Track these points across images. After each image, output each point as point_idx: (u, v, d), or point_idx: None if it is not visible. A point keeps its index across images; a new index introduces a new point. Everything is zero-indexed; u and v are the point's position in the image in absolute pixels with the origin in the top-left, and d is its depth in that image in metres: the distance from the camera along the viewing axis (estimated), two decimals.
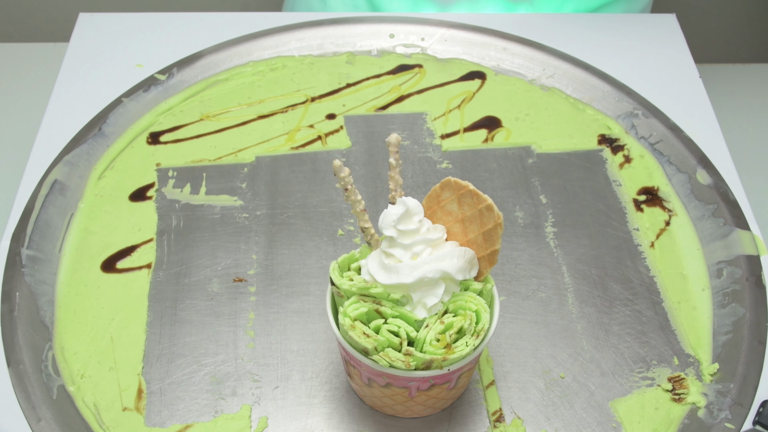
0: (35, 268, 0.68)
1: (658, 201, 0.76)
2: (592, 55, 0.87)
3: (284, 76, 0.86)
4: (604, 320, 0.67)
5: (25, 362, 0.62)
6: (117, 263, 0.70)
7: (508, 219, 0.74)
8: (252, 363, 0.64)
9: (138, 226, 0.73)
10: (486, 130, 0.81)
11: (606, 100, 0.83)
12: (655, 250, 0.72)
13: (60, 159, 0.75)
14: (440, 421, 0.61)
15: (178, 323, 0.66)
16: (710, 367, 0.64)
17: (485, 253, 0.53)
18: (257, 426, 0.60)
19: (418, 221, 0.53)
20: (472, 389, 0.63)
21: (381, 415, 0.61)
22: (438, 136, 0.81)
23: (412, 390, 0.56)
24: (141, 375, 0.63)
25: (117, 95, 0.82)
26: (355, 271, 0.55)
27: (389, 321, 0.52)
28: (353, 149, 0.79)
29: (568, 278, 0.70)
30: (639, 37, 0.90)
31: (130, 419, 0.61)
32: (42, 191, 0.72)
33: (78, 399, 0.61)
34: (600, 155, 0.80)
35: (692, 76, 0.86)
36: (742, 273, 0.68)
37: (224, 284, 0.69)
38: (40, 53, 1.23)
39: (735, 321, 0.66)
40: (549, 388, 0.63)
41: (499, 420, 0.61)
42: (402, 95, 0.84)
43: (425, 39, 0.88)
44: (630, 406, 0.62)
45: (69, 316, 0.66)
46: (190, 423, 0.60)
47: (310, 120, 0.82)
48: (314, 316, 0.67)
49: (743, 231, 0.71)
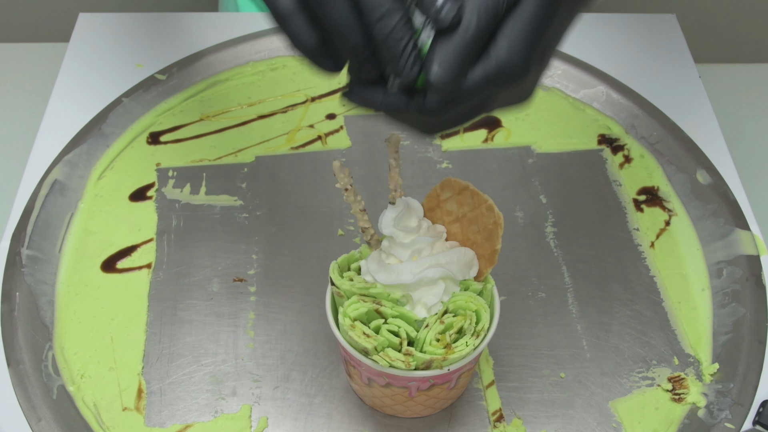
0: (35, 268, 0.68)
1: (658, 201, 0.76)
2: (592, 55, 0.87)
3: (284, 76, 0.86)
4: (604, 320, 0.67)
5: (25, 362, 0.62)
6: (117, 263, 0.70)
7: (508, 219, 0.74)
8: (252, 363, 0.64)
9: (138, 226, 0.73)
10: (486, 129, 0.81)
11: (606, 100, 0.83)
12: (655, 250, 0.72)
13: (60, 159, 0.75)
14: (440, 421, 0.61)
15: (178, 323, 0.66)
16: (710, 367, 0.64)
17: (485, 253, 0.53)
18: (257, 426, 0.60)
19: (418, 221, 0.53)
20: (472, 389, 0.63)
21: (381, 415, 0.61)
22: (438, 135, 0.80)
23: (412, 390, 0.56)
24: (141, 375, 0.63)
25: (117, 95, 0.81)
26: (355, 271, 0.55)
27: (389, 321, 0.52)
28: (353, 149, 0.79)
29: (568, 278, 0.70)
30: (639, 37, 0.90)
31: (130, 419, 0.61)
32: (42, 191, 0.72)
33: (78, 399, 0.61)
34: (600, 155, 0.80)
35: (692, 76, 0.86)
36: (742, 273, 0.68)
37: (224, 284, 0.69)
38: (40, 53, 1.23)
39: (735, 321, 0.66)
40: (549, 388, 0.63)
41: (499, 420, 0.61)
42: None
43: None
44: (630, 406, 0.62)
45: (69, 316, 0.66)
46: (190, 423, 0.60)
47: (310, 120, 0.82)
48: (314, 316, 0.67)
49: (743, 231, 0.71)
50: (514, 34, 0.43)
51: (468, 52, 0.42)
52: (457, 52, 0.42)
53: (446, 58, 0.42)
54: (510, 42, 0.43)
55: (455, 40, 0.42)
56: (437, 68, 0.42)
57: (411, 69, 0.42)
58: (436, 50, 0.42)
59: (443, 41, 0.42)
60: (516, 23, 0.43)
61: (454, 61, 0.42)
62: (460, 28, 0.42)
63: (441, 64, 0.42)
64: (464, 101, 0.44)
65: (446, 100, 0.44)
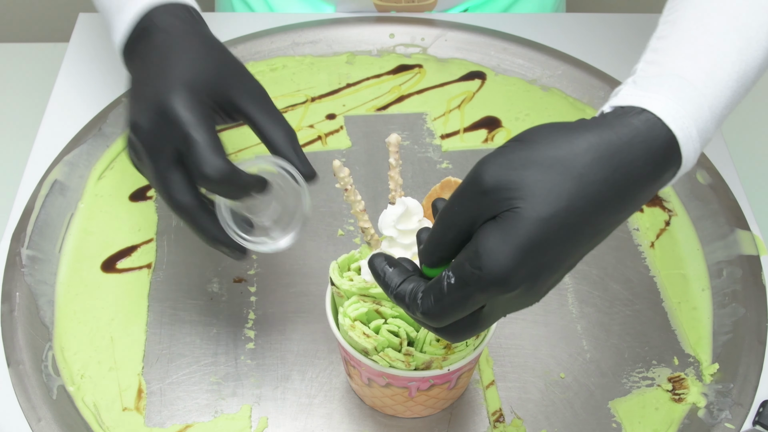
0: (35, 268, 0.68)
1: (658, 201, 0.76)
2: (592, 55, 0.87)
3: (284, 76, 0.86)
4: (604, 320, 0.67)
5: (25, 362, 0.62)
6: (117, 263, 0.70)
7: None
8: (252, 363, 0.64)
9: (138, 226, 0.73)
10: (486, 130, 0.81)
11: (606, 101, 0.83)
12: (655, 250, 0.72)
13: (60, 159, 0.75)
14: (440, 421, 0.61)
15: (178, 323, 0.66)
16: (710, 367, 0.64)
17: None
18: (257, 426, 0.60)
19: (418, 221, 0.53)
20: (472, 389, 0.63)
21: (381, 415, 0.61)
22: (438, 136, 0.81)
23: (412, 390, 0.56)
24: (141, 375, 0.63)
25: (117, 95, 0.81)
26: (355, 271, 0.55)
27: (389, 321, 0.52)
28: (353, 149, 0.79)
29: (568, 278, 0.70)
30: (639, 37, 0.90)
31: (130, 419, 0.60)
32: (42, 191, 0.72)
33: (78, 399, 0.61)
34: None
35: None
36: (742, 273, 0.68)
37: (224, 284, 0.69)
38: (40, 53, 1.22)
39: (735, 321, 0.66)
40: (549, 388, 0.63)
41: (499, 420, 0.61)
42: (402, 95, 0.84)
43: (425, 39, 0.88)
44: (630, 406, 0.62)
45: (69, 316, 0.66)
46: (190, 423, 0.60)
47: (310, 120, 0.82)
48: (314, 316, 0.66)
49: (743, 231, 0.71)
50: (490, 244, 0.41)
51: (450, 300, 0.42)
52: (436, 299, 0.43)
53: (427, 304, 0.43)
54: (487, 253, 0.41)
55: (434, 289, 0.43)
56: (423, 308, 0.44)
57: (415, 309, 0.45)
58: (424, 293, 0.44)
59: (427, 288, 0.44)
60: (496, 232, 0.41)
61: (434, 306, 0.43)
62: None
63: (424, 306, 0.44)
64: (453, 317, 0.44)
65: (435, 320, 0.44)
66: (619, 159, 0.41)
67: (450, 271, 0.42)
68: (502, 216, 0.41)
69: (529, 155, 0.41)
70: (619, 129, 0.42)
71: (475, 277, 0.40)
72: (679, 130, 0.44)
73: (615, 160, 0.41)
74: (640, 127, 0.43)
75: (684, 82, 0.46)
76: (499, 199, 0.41)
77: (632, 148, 0.42)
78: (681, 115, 0.44)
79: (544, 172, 0.41)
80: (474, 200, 0.42)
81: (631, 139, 0.42)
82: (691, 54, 0.48)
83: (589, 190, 0.41)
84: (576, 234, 0.41)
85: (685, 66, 0.47)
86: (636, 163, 0.42)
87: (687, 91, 0.45)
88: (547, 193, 0.40)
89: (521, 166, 0.41)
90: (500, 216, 0.41)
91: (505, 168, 0.41)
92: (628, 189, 0.42)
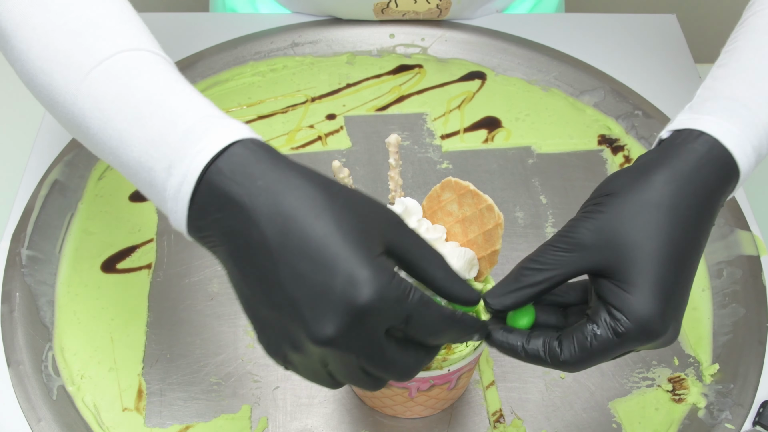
0: (35, 268, 0.68)
1: None
2: (592, 55, 0.87)
3: (284, 77, 0.86)
4: None
5: (25, 362, 0.62)
6: (117, 264, 0.70)
7: (509, 219, 0.74)
8: (252, 363, 0.64)
9: (138, 226, 0.73)
10: (486, 130, 0.81)
11: (606, 101, 0.83)
12: None
13: (60, 159, 0.75)
14: (440, 421, 0.61)
15: (178, 323, 0.66)
16: (710, 368, 0.64)
17: (485, 253, 0.53)
18: (257, 426, 0.60)
19: (417, 221, 0.53)
20: (472, 389, 0.63)
21: (381, 415, 0.61)
22: (438, 136, 0.81)
23: (412, 390, 0.56)
24: (141, 375, 0.63)
25: None
26: None
27: None
28: (353, 149, 0.79)
29: None
30: (639, 37, 0.90)
31: (130, 419, 0.61)
32: (42, 191, 0.72)
33: (78, 399, 0.61)
34: (600, 155, 0.80)
35: (692, 76, 0.86)
36: (742, 273, 0.68)
37: (224, 284, 0.69)
38: None
39: (735, 321, 0.66)
40: (549, 389, 0.63)
41: (499, 420, 0.61)
42: (402, 95, 0.84)
43: (425, 39, 0.88)
44: (630, 407, 0.62)
45: (69, 317, 0.66)
46: (190, 423, 0.60)
47: (310, 120, 0.82)
48: None
49: (743, 231, 0.71)
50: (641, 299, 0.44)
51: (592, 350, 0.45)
52: (581, 351, 0.45)
53: (571, 353, 0.45)
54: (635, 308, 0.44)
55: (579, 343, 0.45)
56: (564, 357, 0.45)
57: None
58: (564, 343, 0.45)
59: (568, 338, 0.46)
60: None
61: (580, 355, 0.45)
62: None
63: (566, 354, 0.45)
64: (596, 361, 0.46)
65: (576, 369, 0.46)
66: (693, 184, 0.46)
67: (593, 324, 0.45)
68: (621, 269, 0.44)
69: (621, 209, 0.46)
70: (685, 156, 0.47)
71: (624, 331, 0.43)
72: (735, 147, 0.47)
73: (691, 187, 0.46)
74: (700, 150, 0.47)
75: (737, 104, 0.49)
76: (609, 256, 0.45)
77: (700, 170, 0.46)
78: (735, 134, 0.48)
79: (642, 217, 0.45)
80: (579, 258, 0.46)
81: (697, 162, 0.47)
82: (745, 78, 0.51)
83: (682, 217, 0.45)
84: (689, 260, 0.45)
85: (739, 89, 0.50)
86: (707, 183, 0.47)
87: (740, 111, 0.49)
88: (655, 235, 0.44)
89: (618, 221, 0.45)
90: (620, 269, 0.44)
91: (603, 223, 0.46)
92: (706, 206, 0.47)
